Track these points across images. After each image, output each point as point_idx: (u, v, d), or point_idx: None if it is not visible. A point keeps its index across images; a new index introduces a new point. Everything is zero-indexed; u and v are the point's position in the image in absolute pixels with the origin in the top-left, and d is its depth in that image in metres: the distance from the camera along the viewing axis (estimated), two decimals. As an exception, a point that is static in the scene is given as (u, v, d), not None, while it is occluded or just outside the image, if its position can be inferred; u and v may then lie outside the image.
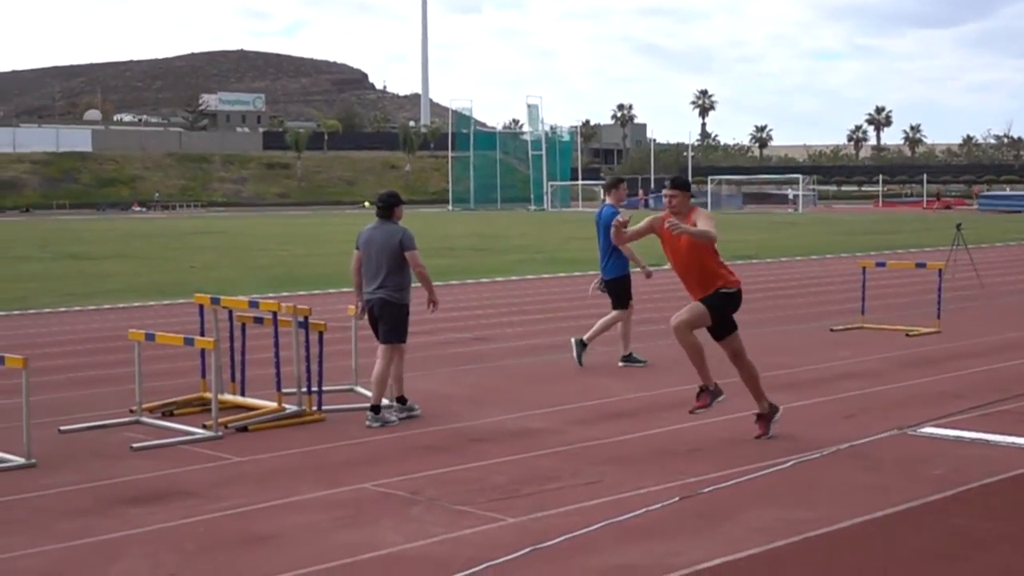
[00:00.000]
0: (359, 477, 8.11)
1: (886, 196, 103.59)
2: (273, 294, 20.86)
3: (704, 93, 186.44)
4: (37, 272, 28.65)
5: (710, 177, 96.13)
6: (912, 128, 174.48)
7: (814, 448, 8.81)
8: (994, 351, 13.86)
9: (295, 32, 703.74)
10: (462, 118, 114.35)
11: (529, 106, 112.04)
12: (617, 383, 11.87)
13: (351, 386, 11.39)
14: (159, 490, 7.87)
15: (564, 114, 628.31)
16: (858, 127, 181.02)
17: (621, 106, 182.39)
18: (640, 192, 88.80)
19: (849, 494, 7.55)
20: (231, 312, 11.09)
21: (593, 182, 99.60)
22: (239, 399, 10.69)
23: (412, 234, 10.18)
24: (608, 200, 12.97)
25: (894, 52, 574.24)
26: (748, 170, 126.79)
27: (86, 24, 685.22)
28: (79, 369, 13.27)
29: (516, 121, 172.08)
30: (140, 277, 26.84)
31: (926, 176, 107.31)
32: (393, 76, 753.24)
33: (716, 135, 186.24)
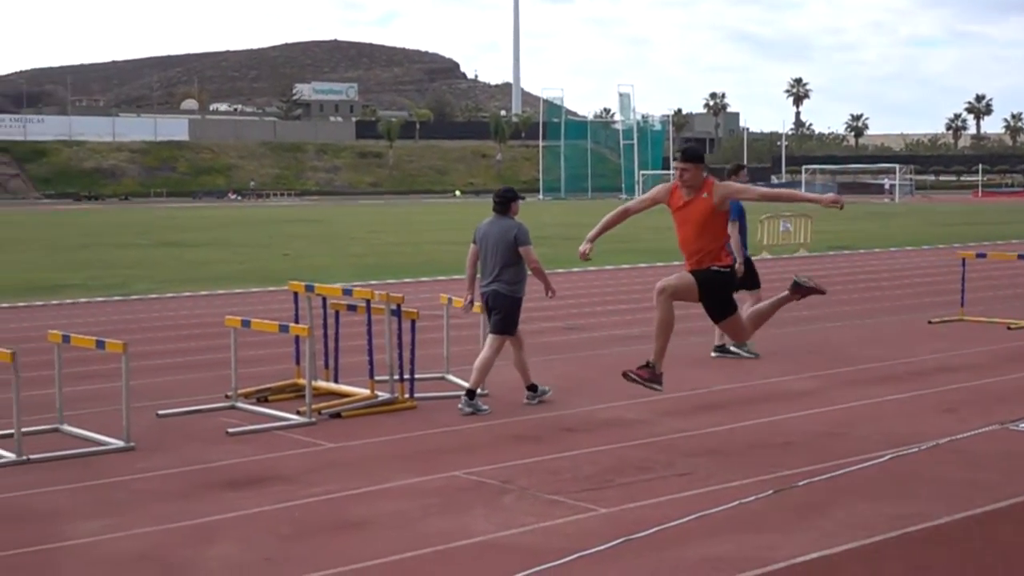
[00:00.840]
0: (450, 465, 8.13)
1: (986, 186, 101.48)
2: (365, 282, 21.02)
3: (798, 81, 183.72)
4: (136, 259, 29.23)
5: (804, 166, 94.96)
6: (1013, 117, 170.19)
7: (912, 442, 8.63)
8: (1099, 345, 13.48)
9: (388, 22, 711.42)
10: (553, 107, 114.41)
11: (621, 95, 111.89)
12: (709, 374, 11.77)
13: (443, 374, 11.43)
14: (254, 475, 7.97)
15: (656, 103, 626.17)
16: (957, 115, 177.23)
17: (713, 95, 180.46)
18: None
19: (948, 489, 7.38)
20: (325, 299, 11.19)
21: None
22: (332, 386, 10.78)
23: (527, 229, 10.24)
24: None
25: (995, 38, 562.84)
26: (843, 159, 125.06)
27: (183, 15, 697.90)
28: (177, 355, 13.50)
29: (607, 110, 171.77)
30: (236, 264, 27.24)
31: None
32: (484, 65, 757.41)
33: (810, 124, 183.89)
